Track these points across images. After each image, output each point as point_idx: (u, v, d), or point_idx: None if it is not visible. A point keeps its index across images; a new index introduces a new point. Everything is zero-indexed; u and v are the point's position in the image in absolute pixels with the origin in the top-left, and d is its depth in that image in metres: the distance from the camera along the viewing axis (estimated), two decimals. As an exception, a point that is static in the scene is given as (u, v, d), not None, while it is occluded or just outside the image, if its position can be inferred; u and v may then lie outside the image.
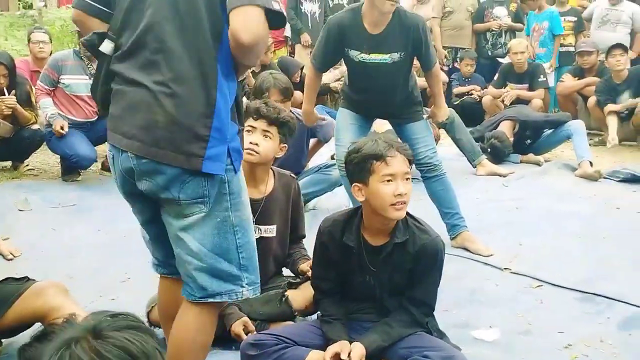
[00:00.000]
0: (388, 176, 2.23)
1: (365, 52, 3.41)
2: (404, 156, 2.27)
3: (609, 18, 7.26)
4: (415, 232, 2.34)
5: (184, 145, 1.77)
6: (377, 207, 2.26)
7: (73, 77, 5.11)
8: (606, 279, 3.20)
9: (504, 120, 5.91)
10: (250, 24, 1.73)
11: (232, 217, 1.87)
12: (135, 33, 1.84)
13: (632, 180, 5.02)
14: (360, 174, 2.29)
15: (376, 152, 2.24)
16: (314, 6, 7.76)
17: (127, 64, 1.86)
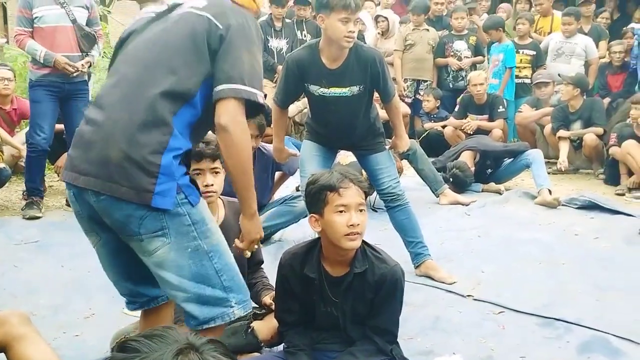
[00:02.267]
0: (341, 207, 2.28)
1: (324, 86, 3.47)
2: (358, 188, 2.32)
3: (564, 50, 7.51)
4: (374, 262, 2.39)
5: (135, 180, 1.87)
6: (331, 237, 2.31)
7: (44, 8, 4.90)
8: (565, 304, 3.28)
9: (465, 150, 6.04)
10: (229, 112, 1.94)
11: (203, 245, 1.95)
12: (107, 81, 2.04)
13: (589, 207, 5.16)
14: (316, 205, 2.34)
15: (330, 183, 2.30)
16: (280, 42, 7.88)
17: (92, 106, 2.03)
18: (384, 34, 8.26)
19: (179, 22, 2.04)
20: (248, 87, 1.96)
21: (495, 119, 6.75)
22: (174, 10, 2.12)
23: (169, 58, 1.97)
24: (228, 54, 1.97)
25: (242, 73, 1.96)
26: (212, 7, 2.04)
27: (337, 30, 3.27)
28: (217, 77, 1.97)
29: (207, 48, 1.98)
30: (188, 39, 1.98)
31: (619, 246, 4.27)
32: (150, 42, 2.05)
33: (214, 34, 1.98)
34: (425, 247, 3.74)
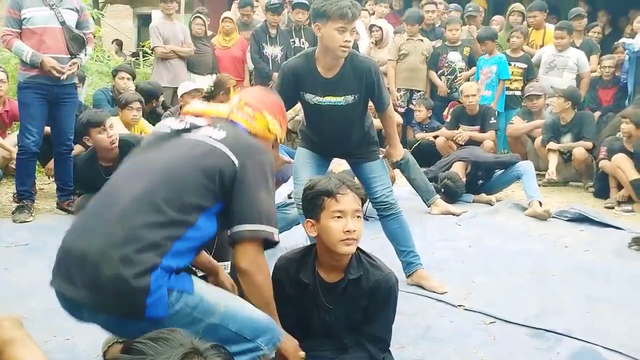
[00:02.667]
0: (338, 212, 2.30)
1: (319, 95, 3.48)
2: (355, 194, 2.35)
3: (556, 64, 7.57)
4: (369, 269, 2.40)
5: (125, 298, 1.86)
6: (327, 242, 2.32)
7: (33, 10, 4.85)
8: (556, 315, 3.30)
9: (457, 161, 6.07)
10: (249, 256, 2.02)
11: (211, 320, 1.96)
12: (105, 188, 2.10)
13: (579, 219, 5.19)
14: (312, 210, 2.36)
15: (327, 188, 2.32)
16: (275, 49, 7.91)
17: (83, 214, 2.11)
18: (377, 43, 8.30)
19: (194, 150, 2.05)
20: (266, 226, 2.01)
21: (487, 130, 6.79)
22: (191, 130, 2.14)
23: (175, 186, 1.98)
24: (245, 193, 2.01)
25: (260, 213, 2.01)
26: (230, 141, 2.07)
27: (333, 39, 3.28)
28: (235, 216, 2.01)
29: (220, 183, 2.00)
30: (201, 173, 1.99)
31: (609, 259, 4.30)
32: (161, 163, 2.04)
33: (229, 171, 2.01)
34: (417, 256, 3.75)
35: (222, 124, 2.17)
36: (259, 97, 2.38)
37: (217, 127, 2.14)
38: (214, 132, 2.10)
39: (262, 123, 2.28)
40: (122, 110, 5.82)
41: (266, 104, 2.34)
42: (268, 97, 2.43)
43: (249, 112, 2.28)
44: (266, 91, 2.48)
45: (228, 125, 2.19)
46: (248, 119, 2.26)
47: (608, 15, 9.81)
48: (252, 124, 2.26)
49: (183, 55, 7.82)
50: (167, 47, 7.72)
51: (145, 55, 11.22)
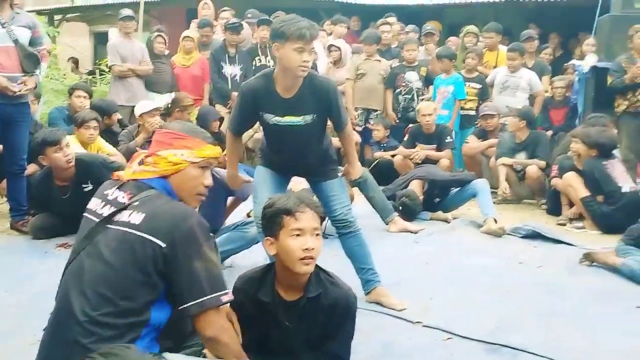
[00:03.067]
0: (297, 230, 2.32)
1: (279, 115, 3.49)
2: (314, 212, 2.36)
3: (509, 84, 7.77)
4: (328, 286, 2.42)
5: None
6: (286, 261, 2.34)
7: None
8: (512, 330, 3.36)
9: (414, 179, 6.16)
10: (211, 325, 2.07)
11: None
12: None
13: (533, 236, 5.30)
14: (271, 228, 2.37)
15: (286, 207, 2.33)
16: (234, 69, 7.94)
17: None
18: (336, 63, 8.39)
19: (122, 245, 2.05)
20: (211, 294, 2.04)
21: (443, 149, 6.91)
22: (115, 215, 2.13)
23: (117, 296, 2.00)
24: (180, 271, 2.02)
25: (200, 284, 2.03)
26: (150, 222, 2.05)
27: (291, 59, 3.31)
28: (178, 296, 2.03)
29: (155, 271, 2.01)
30: (135, 271, 2.01)
31: (562, 274, 4.40)
32: (96, 276, 2.05)
33: (158, 256, 2.01)
34: (375, 274, 3.78)
35: (141, 197, 2.14)
36: (154, 138, 2.36)
37: (136, 206, 2.12)
38: (132, 216, 2.09)
39: (164, 162, 2.24)
40: (79, 129, 5.76)
41: (158, 142, 2.31)
42: (159, 131, 2.39)
43: (149, 162, 2.26)
44: (162, 127, 2.42)
45: (146, 195, 2.16)
46: (153, 170, 2.24)
47: (559, 38, 10.11)
48: (157, 170, 2.23)
49: (141, 74, 7.78)
50: (125, 66, 7.67)
51: (102, 74, 11.11)
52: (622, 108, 6.58)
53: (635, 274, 4.19)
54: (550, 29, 10.21)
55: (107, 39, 9.38)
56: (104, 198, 2.24)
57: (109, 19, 13.64)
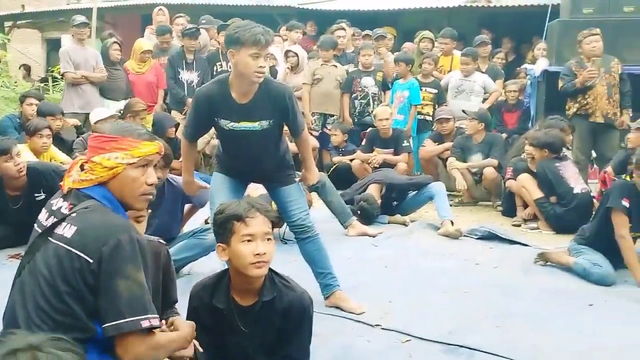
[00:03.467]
0: (248, 236, 2.32)
1: (234, 120, 3.48)
2: (265, 217, 2.36)
3: (464, 88, 7.89)
4: (282, 290, 2.42)
5: None
6: (238, 266, 2.33)
7: None
8: (469, 331, 3.41)
9: (372, 183, 6.20)
10: (128, 351, 1.96)
11: None
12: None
13: (489, 237, 5.39)
14: (223, 235, 2.37)
15: (237, 213, 2.33)
16: (192, 75, 7.89)
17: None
18: (293, 68, 8.39)
19: (54, 259, 1.99)
20: (129, 318, 1.94)
21: (400, 153, 6.98)
22: (55, 228, 2.07)
23: (48, 302, 1.96)
24: (103, 289, 1.95)
25: (119, 306, 1.94)
26: (80, 236, 1.99)
27: (247, 65, 3.31)
28: (99, 314, 1.96)
29: (85, 286, 1.95)
30: (67, 285, 1.95)
31: (517, 274, 4.48)
32: (34, 282, 2.01)
33: (86, 271, 1.95)
34: (334, 278, 3.79)
35: (79, 209, 2.07)
36: (89, 146, 2.23)
37: (72, 218, 2.05)
38: (66, 230, 2.03)
39: (98, 168, 2.14)
40: (31, 138, 5.64)
41: (92, 147, 2.19)
42: (92, 138, 2.24)
43: (86, 169, 2.16)
44: (97, 129, 2.31)
45: (84, 206, 2.08)
46: (89, 178, 2.14)
47: (512, 42, 10.31)
48: (95, 178, 2.13)
49: (95, 81, 7.66)
50: (78, 73, 7.55)
51: (55, 81, 10.91)
52: (573, 111, 6.74)
53: (587, 273, 4.30)
54: (503, 34, 10.41)
55: (59, 45, 9.24)
56: (49, 208, 2.18)
57: (61, 25, 13.41)
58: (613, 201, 4.29)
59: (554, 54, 7.50)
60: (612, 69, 6.71)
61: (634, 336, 3.39)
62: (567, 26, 7.42)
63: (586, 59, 6.68)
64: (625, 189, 4.32)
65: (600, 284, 4.22)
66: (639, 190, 4.26)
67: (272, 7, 12.33)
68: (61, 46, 8.62)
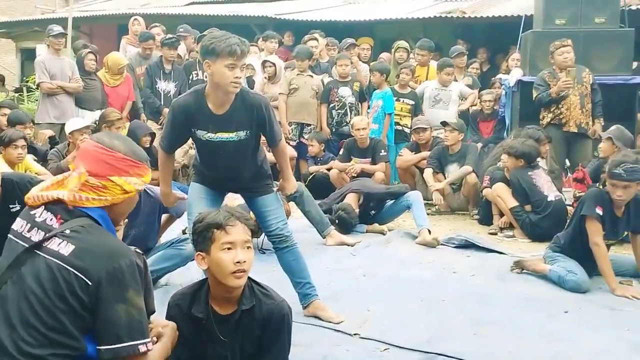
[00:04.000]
0: (227, 244, 2.32)
1: (211, 131, 3.48)
2: (244, 225, 2.37)
3: (441, 98, 7.99)
4: (262, 298, 2.43)
5: None
6: (217, 275, 2.34)
7: None
8: (446, 338, 3.43)
9: (350, 192, 6.21)
10: None
11: None
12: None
13: (465, 246, 5.42)
14: (203, 243, 2.37)
15: (216, 221, 2.34)
16: (169, 85, 7.88)
17: None
18: (270, 78, 8.42)
19: (48, 275, 1.97)
20: (127, 342, 1.96)
21: (378, 162, 7.02)
22: (44, 241, 2.04)
23: (39, 318, 1.94)
24: (101, 312, 1.96)
25: (118, 330, 1.96)
26: (79, 257, 1.98)
27: (223, 76, 3.31)
28: (96, 336, 1.96)
29: (80, 306, 1.95)
30: (61, 302, 1.95)
31: (493, 282, 4.52)
32: (22, 292, 1.98)
33: (83, 291, 1.95)
34: (313, 287, 3.80)
35: (74, 226, 2.05)
36: (101, 159, 2.14)
37: (67, 235, 2.02)
38: (62, 246, 2.00)
39: (115, 189, 2.13)
40: (6, 149, 5.58)
41: (111, 166, 2.13)
42: (111, 154, 2.15)
43: (96, 184, 2.11)
44: (108, 145, 2.16)
45: (80, 224, 2.05)
46: (99, 197, 2.11)
47: (487, 53, 10.43)
48: (103, 199, 2.11)
49: (71, 91, 7.61)
50: (54, 83, 7.50)
51: (30, 91, 10.81)
52: (547, 120, 6.82)
53: (562, 280, 4.35)
54: (478, 44, 10.53)
55: (34, 55, 9.16)
56: (31, 219, 2.13)
57: (36, 35, 13.30)
58: (587, 209, 4.35)
59: (528, 64, 7.60)
60: (584, 79, 6.81)
61: (607, 342, 3.43)
62: (540, 37, 7.52)
63: (558, 69, 6.77)
64: (598, 197, 4.39)
65: (575, 291, 4.27)
66: (612, 198, 4.33)
67: (249, 17, 12.35)
68: (36, 56, 8.53)
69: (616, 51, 7.38)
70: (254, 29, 11.63)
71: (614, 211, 4.38)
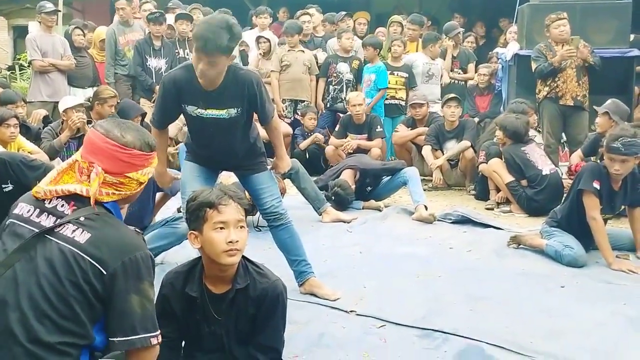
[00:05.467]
0: (220, 223, 2.30)
1: (201, 107, 3.44)
2: (237, 204, 2.35)
3: (433, 72, 7.94)
4: (256, 277, 2.42)
5: None
6: (211, 254, 2.32)
7: None
8: (442, 315, 3.43)
9: (346, 169, 6.19)
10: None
11: None
12: None
13: (462, 221, 5.42)
14: (195, 222, 2.35)
15: (209, 200, 2.31)
16: (159, 62, 7.79)
17: None
18: (265, 54, 8.34)
19: (61, 262, 1.95)
20: (141, 334, 1.97)
21: (374, 138, 6.98)
22: (58, 229, 2.01)
23: (52, 305, 1.91)
24: (116, 303, 1.95)
25: (133, 321, 1.96)
26: (95, 245, 1.96)
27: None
28: (109, 326, 1.96)
29: (95, 295, 1.94)
30: (74, 289, 1.93)
31: (490, 258, 4.51)
32: (31, 291, 1.94)
33: (97, 280, 1.94)
34: (308, 265, 3.78)
35: (88, 214, 2.03)
36: (116, 157, 2.10)
37: (82, 223, 2.00)
38: (77, 233, 1.98)
39: (131, 184, 2.13)
40: (-2, 128, 5.51)
41: (127, 163, 2.11)
42: (124, 151, 2.11)
43: (113, 181, 2.09)
44: (119, 140, 2.11)
45: (94, 212, 2.04)
46: (118, 192, 2.10)
47: (484, 27, 10.34)
48: (120, 194, 2.11)
49: (63, 69, 7.53)
50: (46, 61, 7.41)
51: (22, 69, 10.70)
52: (543, 94, 6.76)
53: (559, 255, 4.34)
54: (474, 17, 10.43)
55: (26, 32, 9.03)
56: (39, 205, 2.08)
57: (28, 12, 13.11)
58: (584, 183, 4.33)
59: (525, 37, 7.51)
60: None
61: (604, 316, 3.44)
62: (537, 10, 7.43)
63: (554, 43, 6.70)
64: (595, 171, 4.36)
65: (572, 265, 4.27)
66: (609, 172, 4.31)
67: (243, -8, 12.20)
68: (28, 33, 8.41)
69: (613, 24, 7.29)
70: (247, 4, 11.50)
71: (612, 185, 4.36)
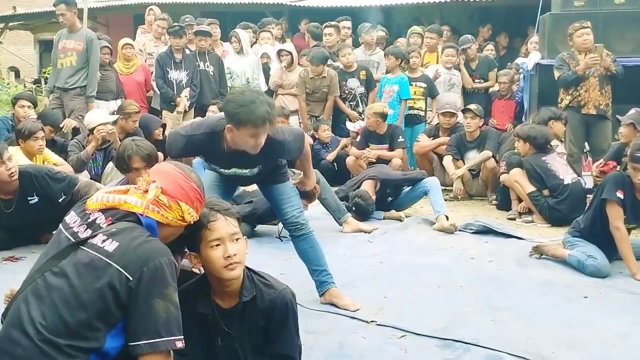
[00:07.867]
0: (215, 241, 2.30)
1: (223, 167, 3.56)
2: (227, 217, 2.33)
3: (454, 82, 7.93)
4: (262, 289, 2.41)
5: None
6: (212, 271, 2.32)
7: None
8: (463, 325, 3.41)
9: (366, 179, 6.20)
10: None
11: None
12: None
13: (483, 231, 5.39)
14: (192, 243, 2.35)
15: (199, 220, 2.31)
16: (180, 74, 7.89)
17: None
18: (288, 66, 8.37)
19: (89, 270, 2.01)
20: (165, 337, 1.99)
21: (395, 148, 6.98)
22: (90, 238, 2.08)
23: (73, 312, 1.96)
24: (140, 307, 1.99)
25: (157, 325, 1.99)
26: (122, 253, 2.02)
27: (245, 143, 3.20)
28: (132, 330, 1.99)
29: (115, 302, 1.98)
30: (96, 295, 1.97)
31: (511, 268, 4.48)
32: (58, 287, 2.01)
33: (123, 288, 1.98)
34: (329, 275, 3.79)
35: (120, 227, 2.10)
36: (178, 183, 2.25)
37: (112, 232, 2.08)
38: (106, 243, 2.05)
39: (177, 213, 2.21)
40: (26, 141, 5.62)
41: (185, 192, 2.24)
42: (187, 182, 2.27)
43: (164, 202, 2.20)
44: (186, 174, 2.29)
45: (125, 225, 2.12)
46: (162, 212, 2.20)
47: (507, 37, 10.32)
48: (164, 216, 2.20)
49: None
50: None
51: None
52: (565, 103, 6.73)
53: (582, 265, 4.30)
54: (496, 27, 10.40)
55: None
56: (84, 216, 2.19)
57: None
58: (608, 193, 4.29)
59: (546, 47, 7.49)
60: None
61: (627, 327, 3.40)
62: (559, 19, 7.41)
63: (577, 52, 6.67)
64: (619, 181, 4.32)
65: (595, 276, 4.23)
66: (633, 182, 4.27)
67: (264, 4, 12.27)
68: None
69: (636, 33, 7.25)
70: (269, 16, 11.57)
71: (635, 195, 4.31)
